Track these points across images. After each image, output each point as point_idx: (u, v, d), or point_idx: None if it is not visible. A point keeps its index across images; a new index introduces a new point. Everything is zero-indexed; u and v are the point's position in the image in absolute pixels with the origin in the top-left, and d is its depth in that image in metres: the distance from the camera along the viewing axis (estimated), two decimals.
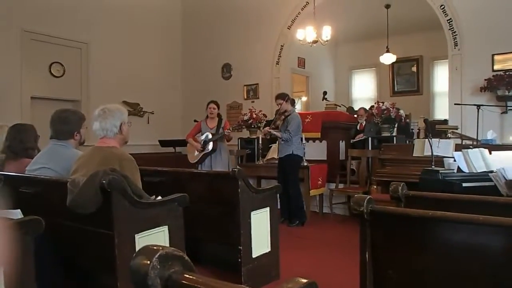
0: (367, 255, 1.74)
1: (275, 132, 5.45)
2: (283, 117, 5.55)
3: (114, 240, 2.19)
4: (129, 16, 8.73)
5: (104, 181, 2.14)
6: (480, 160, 3.55)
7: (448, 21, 6.46)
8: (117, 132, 2.57)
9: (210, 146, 5.73)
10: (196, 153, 5.83)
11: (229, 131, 5.76)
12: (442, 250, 1.64)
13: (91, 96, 7.99)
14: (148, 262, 0.79)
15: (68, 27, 7.73)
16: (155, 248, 0.81)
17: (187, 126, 7.35)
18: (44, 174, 2.73)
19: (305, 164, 5.86)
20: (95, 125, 2.58)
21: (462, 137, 5.53)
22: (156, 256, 0.80)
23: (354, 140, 6.98)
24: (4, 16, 6.95)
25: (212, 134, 5.77)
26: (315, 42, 7.64)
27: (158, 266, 0.79)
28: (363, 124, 7.05)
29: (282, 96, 5.61)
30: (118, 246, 2.20)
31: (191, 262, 0.84)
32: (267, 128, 5.62)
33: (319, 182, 6.07)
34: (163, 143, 8.62)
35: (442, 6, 6.50)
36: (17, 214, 1.98)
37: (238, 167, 3.56)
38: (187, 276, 0.81)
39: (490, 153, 3.63)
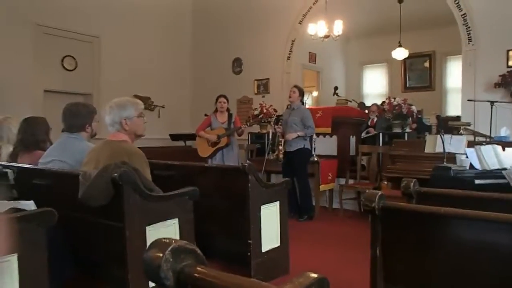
0: (377, 251, 1.74)
1: (299, 133, 5.39)
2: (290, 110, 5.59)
3: (125, 233, 2.21)
4: (139, 10, 8.75)
5: (115, 174, 2.16)
6: (493, 157, 3.52)
7: (462, 16, 6.38)
8: (119, 127, 2.57)
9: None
10: (209, 147, 5.81)
11: (246, 126, 5.81)
12: (453, 247, 1.63)
13: (102, 89, 8.04)
14: (161, 255, 0.80)
15: (80, 21, 7.78)
16: (167, 241, 0.82)
17: (197, 120, 7.37)
18: (57, 167, 2.76)
19: (315, 159, 5.87)
20: (106, 119, 2.60)
21: (475, 133, 5.47)
22: (169, 249, 0.80)
23: (365, 136, 6.95)
24: (17, 11, 7.01)
25: (225, 129, 5.77)
26: (326, 37, 7.60)
27: (171, 259, 0.80)
28: (374, 120, 7.01)
29: (299, 88, 5.68)
30: (129, 238, 2.22)
31: (203, 255, 0.84)
32: (290, 135, 5.41)
33: (329, 178, 6.07)
34: (174, 137, 8.65)
35: (457, 1, 6.41)
36: (31, 205, 2.01)
37: (248, 161, 3.57)
38: (199, 269, 0.81)
39: (504, 150, 3.59)
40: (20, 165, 2.97)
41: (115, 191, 2.21)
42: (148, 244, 0.85)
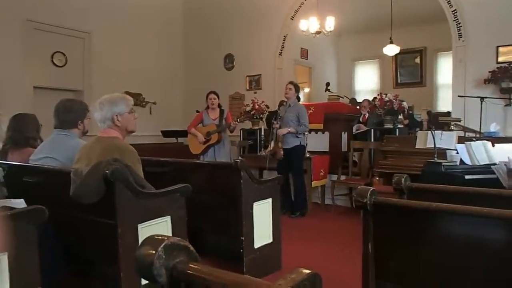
0: (369, 247, 1.75)
1: (290, 129, 5.42)
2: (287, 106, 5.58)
3: (117, 230, 2.20)
4: (131, 6, 8.68)
5: (107, 171, 2.15)
6: (483, 153, 3.55)
7: (453, 12, 6.41)
8: (111, 124, 2.55)
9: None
10: (200, 143, 5.80)
11: (236, 122, 5.78)
12: (445, 242, 1.64)
13: (93, 86, 7.98)
14: (154, 251, 0.79)
15: (70, 17, 7.70)
16: (160, 238, 0.82)
17: (188, 117, 7.34)
18: (48, 164, 2.74)
19: (308, 155, 5.89)
20: (95, 115, 2.59)
21: (465, 129, 5.51)
22: (162, 246, 0.80)
23: (356, 132, 6.97)
24: (7, 5, 6.92)
25: (217, 125, 5.75)
26: (318, 33, 7.60)
27: (164, 256, 0.80)
28: (366, 116, 7.03)
29: (295, 84, 5.67)
30: (121, 236, 2.21)
31: (195, 252, 0.84)
32: (281, 131, 5.44)
33: (321, 174, 6.09)
34: (166, 133, 8.62)
35: None
36: (21, 203, 1.99)
37: (240, 158, 3.56)
38: (192, 266, 0.81)
39: (493, 146, 3.63)
40: (10, 162, 2.94)
41: (106, 188, 2.20)
42: (140, 241, 0.85)
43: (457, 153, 3.67)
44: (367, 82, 11.96)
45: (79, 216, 2.38)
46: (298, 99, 5.73)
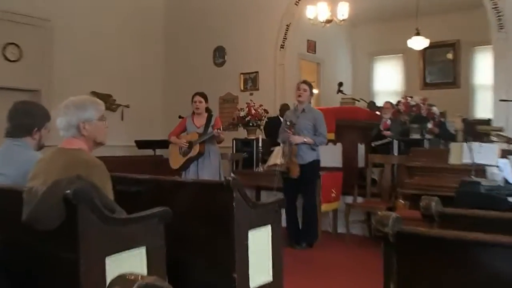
0: (391, 287, 1.74)
1: (305, 139, 5.42)
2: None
3: (79, 265, 2.18)
4: None
5: (68, 191, 2.13)
6: None
7: None
8: (76, 132, 2.55)
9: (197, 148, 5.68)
10: (179, 156, 5.77)
11: (219, 131, 5.65)
12: (484, 279, 1.63)
13: (53, 85, 7.99)
14: None
15: (26, 1, 7.72)
16: (132, 277, 0.81)
17: (170, 124, 7.35)
18: None
19: None
20: (58, 122, 2.58)
21: (509, 141, 5.52)
22: (134, 287, 0.79)
23: (376, 143, 6.98)
24: None
25: (199, 134, 5.71)
26: (328, 21, 7.65)
27: None
28: (388, 123, 7.04)
29: (309, 84, 5.75)
30: (85, 270, 2.19)
31: None
32: (295, 138, 5.37)
33: (333, 195, 6.07)
34: (141, 144, 8.61)
35: None
36: None
37: (232, 175, 3.56)
38: None
39: None
40: None
41: (67, 212, 2.18)
42: (108, 278, 0.84)
43: (500, 170, 3.68)
44: (388, 82, 12.02)
45: (34, 245, 2.37)
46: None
